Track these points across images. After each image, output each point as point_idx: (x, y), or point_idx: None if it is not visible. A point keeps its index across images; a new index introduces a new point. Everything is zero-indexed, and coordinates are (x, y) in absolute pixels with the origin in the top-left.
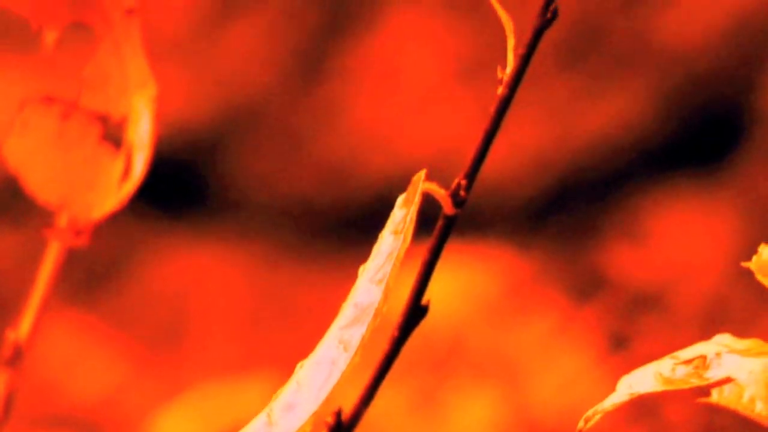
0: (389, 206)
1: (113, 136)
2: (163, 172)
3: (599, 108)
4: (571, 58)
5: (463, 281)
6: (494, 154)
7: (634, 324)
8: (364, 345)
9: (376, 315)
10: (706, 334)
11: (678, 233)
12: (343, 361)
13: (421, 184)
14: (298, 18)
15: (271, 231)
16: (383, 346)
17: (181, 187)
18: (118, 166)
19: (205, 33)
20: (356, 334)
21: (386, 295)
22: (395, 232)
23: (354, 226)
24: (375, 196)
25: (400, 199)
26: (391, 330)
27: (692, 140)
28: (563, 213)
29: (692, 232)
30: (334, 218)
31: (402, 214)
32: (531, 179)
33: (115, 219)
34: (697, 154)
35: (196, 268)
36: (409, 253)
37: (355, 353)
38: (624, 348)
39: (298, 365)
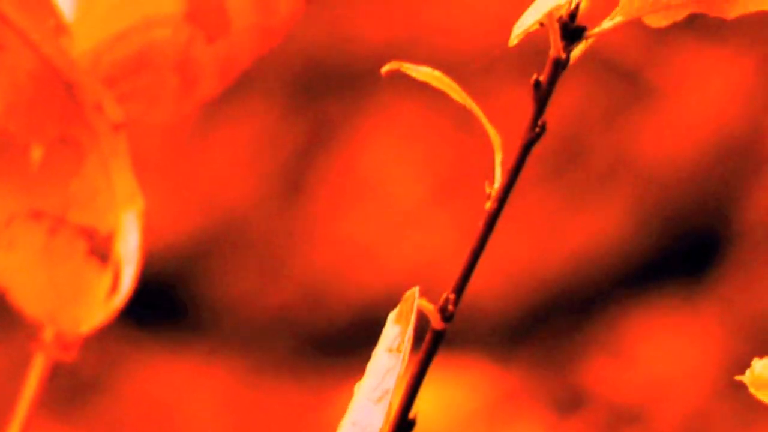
0: (370, 323)
1: (100, 250)
2: (145, 287)
3: (581, 223)
4: (552, 173)
5: (445, 395)
6: (477, 268)
7: None
8: None
9: None
10: None
11: (659, 349)
12: None
13: (416, 302)
14: (280, 135)
15: (254, 347)
16: None
17: (163, 302)
18: (106, 280)
19: (188, 149)
20: None
21: (388, 414)
22: (391, 350)
23: (336, 343)
24: (357, 312)
25: (392, 316)
26: None
27: (673, 255)
28: (545, 328)
29: (674, 347)
30: (315, 334)
31: (396, 331)
32: (513, 293)
33: (98, 333)
34: (678, 270)
35: (178, 384)
36: None
37: None
38: None
39: None
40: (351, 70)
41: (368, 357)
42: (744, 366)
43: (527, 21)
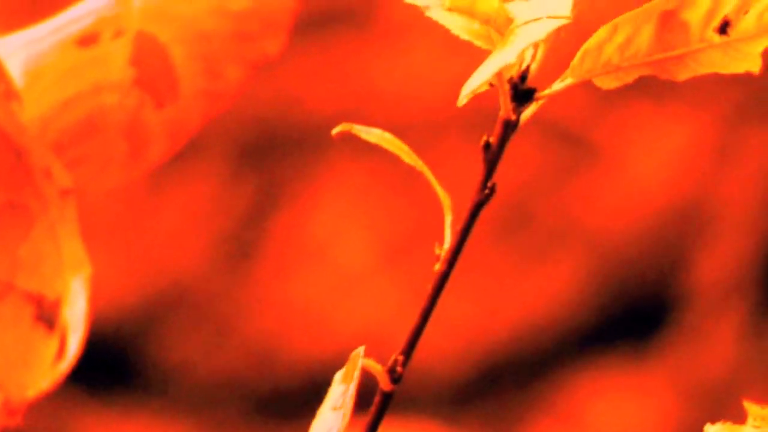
0: (318, 385)
1: (48, 316)
2: (95, 350)
3: (530, 285)
4: (501, 234)
5: None
6: (426, 330)
7: None
8: None
9: None
10: None
11: (608, 411)
12: None
13: (360, 361)
14: (229, 198)
15: (203, 409)
16: None
17: (113, 365)
18: (52, 346)
19: (135, 215)
20: None
21: None
22: (335, 408)
23: (284, 405)
24: (305, 375)
25: (339, 375)
26: None
27: (622, 318)
28: (494, 389)
29: (622, 410)
30: (264, 397)
31: (341, 390)
32: (462, 355)
33: (49, 397)
34: (627, 333)
35: None
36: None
37: None
38: None
39: None
40: (299, 133)
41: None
42: (694, 430)
43: (476, 81)
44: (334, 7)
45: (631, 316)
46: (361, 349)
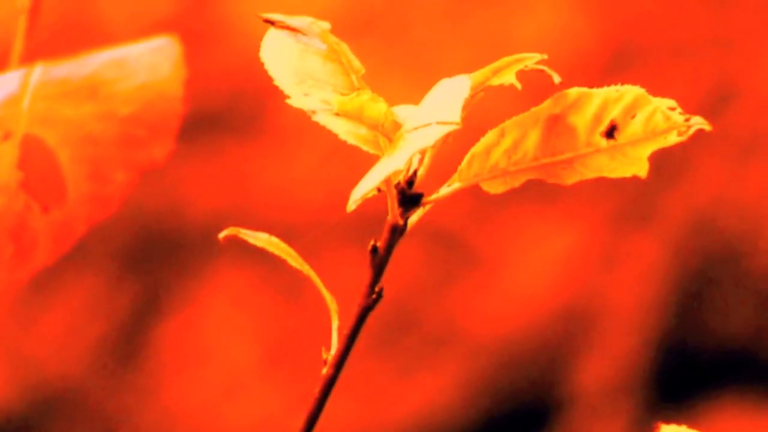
0: None
1: None
2: None
3: (412, 391)
4: (385, 339)
5: None
6: None
7: None
8: None
9: None
10: None
11: None
12: None
13: None
14: (113, 302)
15: None
16: None
17: None
18: None
19: (17, 319)
20: None
21: None
22: None
23: None
24: None
25: None
26: None
27: (506, 423)
28: None
29: None
30: None
31: None
32: None
33: None
34: None
35: None
36: None
37: None
38: None
39: None
40: (185, 237)
41: None
42: None
43: (364, 188)
44: (222, 111)
45: (517, 419)
46: None
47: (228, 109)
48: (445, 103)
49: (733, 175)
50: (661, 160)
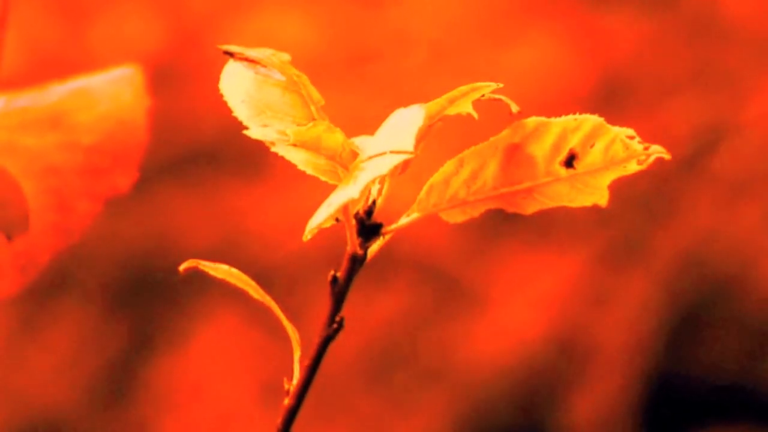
0: None
1: None
2: None
3: (402, 425)
4: (372, 376)
5: None
6: None
7: None
8: None
9: None
10: None
11: None
12: None
13: None
14: (101, 338)
15: None
16: None
17: None
18: None
19: (8, 354)
20: None
21: None
22: None
23: None
24: None
25: None
26: None
27: None
28: None
29: None
30: None
31: None
32: None
33: None
34: None
35: None
36: None
37: None
38: None
39: None
40: (176, 274)
41: None
42: None
43: (320, 217)
44: (214, 148)
45: None
46: None
47: (220, 146)
48: (399, 132)
49: (723, 213)
50: (651, 198)
